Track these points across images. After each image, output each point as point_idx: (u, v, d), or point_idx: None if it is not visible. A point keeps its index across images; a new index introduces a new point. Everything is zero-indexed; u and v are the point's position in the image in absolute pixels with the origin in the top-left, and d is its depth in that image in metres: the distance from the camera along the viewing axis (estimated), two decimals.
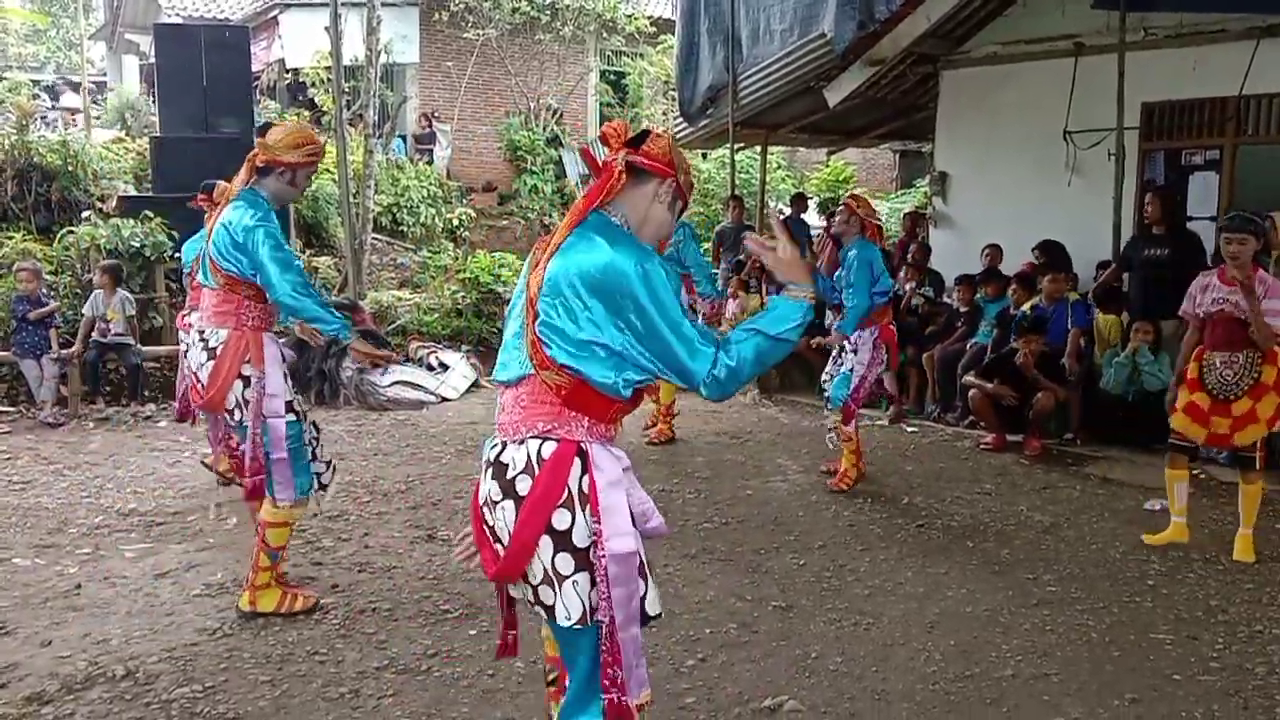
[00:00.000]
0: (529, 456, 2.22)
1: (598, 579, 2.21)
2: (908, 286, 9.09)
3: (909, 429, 7.92)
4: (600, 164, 2.33)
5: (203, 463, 6.18)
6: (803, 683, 3.64)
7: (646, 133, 2.37)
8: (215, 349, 4.02)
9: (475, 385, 9.51)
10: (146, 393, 8.48)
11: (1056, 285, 7.70)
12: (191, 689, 3.53)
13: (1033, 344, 7.14)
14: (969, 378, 7.54)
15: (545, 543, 2.20)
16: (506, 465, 2.25)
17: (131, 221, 9.31)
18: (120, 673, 3.63)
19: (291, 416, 4.04)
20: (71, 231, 9.45)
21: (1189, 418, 4.96)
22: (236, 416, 4.05)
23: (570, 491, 2.20)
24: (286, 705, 3.45)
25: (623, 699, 2.25)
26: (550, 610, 2.23)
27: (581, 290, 2.18)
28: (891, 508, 5.81)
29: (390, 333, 9.97)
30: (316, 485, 4.19)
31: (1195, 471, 6.07)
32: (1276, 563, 4.94)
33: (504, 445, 2.28)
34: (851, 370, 6.04)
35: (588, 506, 2.21)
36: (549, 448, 2.22)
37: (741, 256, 10.15)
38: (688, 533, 5.23)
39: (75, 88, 20.27)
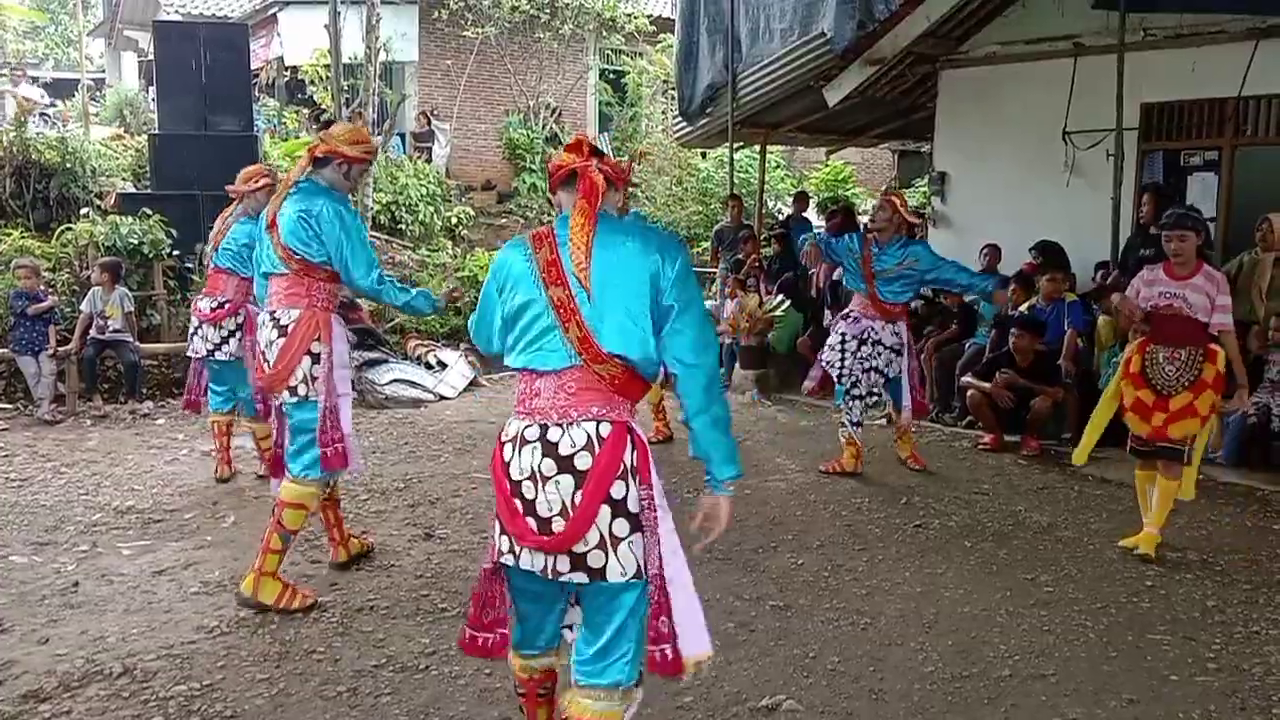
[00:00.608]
0: (588, 436, 2.43)
1: (648, 537, 2.48)
2: None
3: None
4: (556, 168, 2.58)
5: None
6: (800, 682, 3.65)
7: (595, 147, 2.61)
8: (287, 327, 4.19)
9: (473, 384, 9.50)
10: (144, 390, 8.47)
11: (1055, 285, 7.70)
12: (189, 687, 3.53)
13: (1025, 340, 7.13)
14: (967, 378, 7.55)
15: (604, 511, 2.42)
16: (557, 444, 2.43)
17: (130, 219, 9.29)
18: (117, 670, 3.63)
19: (354, 395, 4.28)
20: (70, 228, 9.42)
21: (1136, 414, 5.01)
22: (301, 392, 4.17)
23: (625, 465, 2.45)
24: (284, 703, 3.45)
25: (669, 651, 2.52)
26: (600, 572, 2.44)
27: (642, 281, 2.44)
28: (889, 507, 5.81)
29: (388, 330, 9.97)
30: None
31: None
32: (1274, 564, 4.95)
33: (544, 428, 2.45)
34: (902, 372, 6.29)
35: (637, 476, 2.47)
36: (605, 428, 2.45)
37: (740, 255, 10.15)
38: (685, 532, 5.22)
39: (34, 80, 20.06)
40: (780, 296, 9.52)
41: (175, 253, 9.39)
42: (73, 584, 4.46)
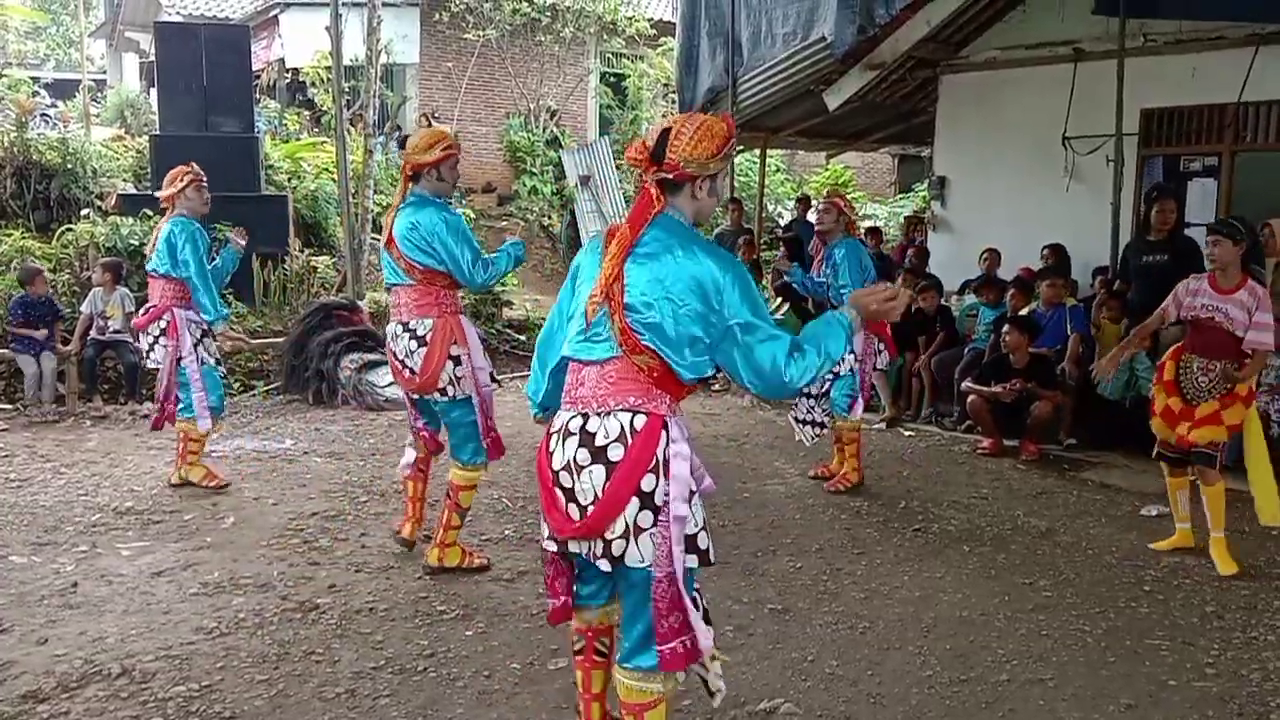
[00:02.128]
0: (622, 428, 2.50)
1: (660, 536, 2.50)
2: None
3: (905, 433, 7.92)
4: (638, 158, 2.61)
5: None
6: (799, 685, 3.65)
7: (665, 135, 2.54)
8: (424, 337, 4.46)
9: None
10: (144, 391, 8.46)
11: (1055, 290, 7.71)
12: (188, 687, 3.53)
13: (1016, 337, 7.13)
14: (967, 383, 7.55)
15: (632, 502, 2.48)
16: (595, 434, 2.51)
17: (130, 219, 9.31)
18: (116, 671, 3.63)
19: (496, 385, 4.66)
20: (70, 229, 9.44)
21: (1164, 421, 4.99)
22: (450, 393, 4.47)
23: (657, 459, 2.50)
24: (282, 704, 3.45)
25: (685, 643, 2.56)
26: (620, 559, 2.52)
27: (683, 292, 2.48)
28: (888, 512, 5.82)
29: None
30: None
31: (1191, 478, 6.08)
32: (1273, 569, 4.95)
33: (586, 417, 2.54)
34: (852, 371, 6.04)
35: (668, 472, 2.51)
36: (640, 420, 2.50)
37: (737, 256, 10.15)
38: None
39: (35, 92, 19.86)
40: (779, 300, 9.53)
41: None
42: (72, 584, 4.46)
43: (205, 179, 6.02)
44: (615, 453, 2.48)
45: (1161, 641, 4.08)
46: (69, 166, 10.82)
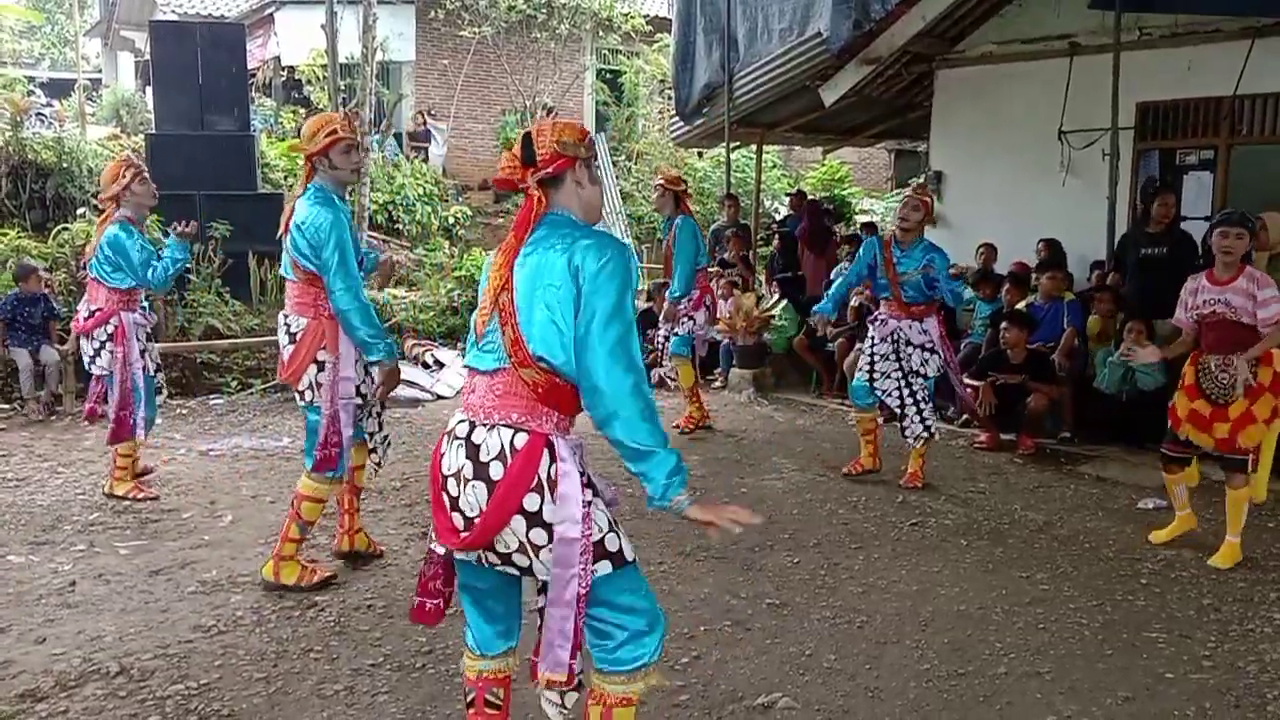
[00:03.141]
0: (502, 445, 2.39)
1: (560, 547, 2.41)
2: None
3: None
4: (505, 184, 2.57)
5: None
6: (797, 680, 3.66)
7: (529, 138, 2.50)
8: (296, 334, 4.39)
9: None
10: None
11: (1055, 284, 7.71)
12: (186, 686, 3.53)
13: (1014, 334, 7.14)
14: (964, 377, 7.54)
15: (518, 520, 2.39)
16: (479, 447, 2.41)
17: None
18: (114, 670, 3.64)
19: (359, 400, 4.47)
20: (66, 228, 9.43)
21: (1193, 426, 4.87)
22: (308, 398, 4.37)
23: (540, 478, 2.39)
24: (281, 702, 3.45)
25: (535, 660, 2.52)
26: (527, 570, 2.47)
27: (566, 280, 2.35)
28: (885, 506, 5.82)
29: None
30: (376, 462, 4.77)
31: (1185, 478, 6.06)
32: (1269, 561, 4.96)
33: (473, 425, 2.45)
34: (945, 367, 6.10)
35: (554, 491, 2.40)
36: (521, 439, 2.39)
37: (727, 256, 10.14)
38: (683, 530, 5.23)
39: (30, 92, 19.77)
40: (777, 297, 9.53)
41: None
42: (70, 583, 4.46)
43: (146, 170, 5.79)
44: (495, 471, 2.38)
45: (1159, 634, 4.09)
46: (64, 166, 10.79)
